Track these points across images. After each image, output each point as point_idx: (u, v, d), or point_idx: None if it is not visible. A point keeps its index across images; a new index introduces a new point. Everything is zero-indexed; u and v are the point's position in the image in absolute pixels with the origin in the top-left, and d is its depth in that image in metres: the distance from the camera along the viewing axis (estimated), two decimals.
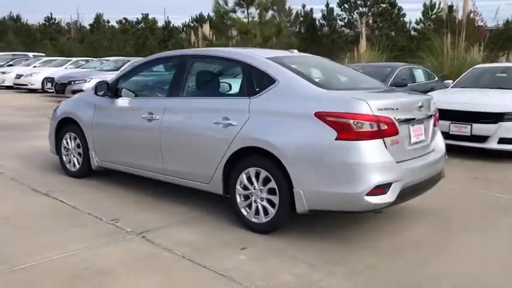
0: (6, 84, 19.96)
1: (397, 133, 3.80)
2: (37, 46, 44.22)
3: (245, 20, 16.61)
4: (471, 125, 7.35)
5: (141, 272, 3.36)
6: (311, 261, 3.54)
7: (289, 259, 3.58)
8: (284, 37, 17.10)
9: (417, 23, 34.01)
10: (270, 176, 3.90)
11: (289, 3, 43.12)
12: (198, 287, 3.20)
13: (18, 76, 19.15)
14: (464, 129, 7.46)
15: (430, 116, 4.35)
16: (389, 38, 33.19)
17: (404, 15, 36.70)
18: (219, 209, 4.54)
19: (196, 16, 46.17)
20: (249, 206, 4.07)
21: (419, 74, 10.94)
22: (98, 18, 60.60)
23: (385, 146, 3.70)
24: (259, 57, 4.31)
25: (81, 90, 14.26)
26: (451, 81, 9.62)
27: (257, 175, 3.99)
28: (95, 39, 47.59)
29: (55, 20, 55.43)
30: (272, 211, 3.93)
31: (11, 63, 22.40)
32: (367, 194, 3.56)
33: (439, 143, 4.53)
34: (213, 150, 4.23)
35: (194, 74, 4.71)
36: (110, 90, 5.22)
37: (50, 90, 16.78)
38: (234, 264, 3.48)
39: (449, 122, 7.50)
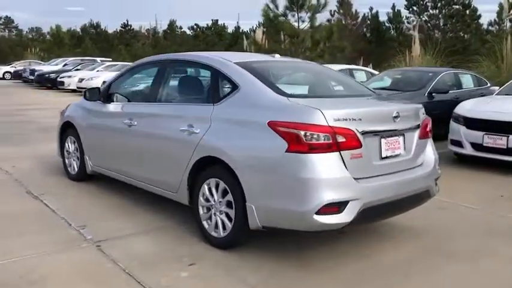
0: (71, 87, 21.08)
1: (358, 146, 3.41)
2: (113, 52, 46.57)
3: (295, 24, 16.33)
4: (508, 136, 6.62)
5: (74, 282, 3.26)
6: (256, 284, 3.26)
7: (235, 280, 3.31)
8: (335, 41, 16.59)
9: (491, 24, 31.89)
10: (227, 188, 3.67)
11: (355, 7, 42.58)
12: None
13: (81, 80, 20.14)
14: (499, 141, 6.73)
15: (415, 128, 3.90)
16: (461, 41, 31.45)
17: (479, 16, 34.64)
18: (190, 220, 4.36)
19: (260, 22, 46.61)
20: (210, 218, 3.86)
21: (467, 80, 10.13)
22: (172, 24, 62.77)
23: (343, 161, 3.33)
24: (226, 61, 4.09)
25: None
26: (498, 87, 8.79)
27: (217, 186, 3.78)
28: (166, 45, 49.29)
29: (131, 26, 58.21)
30: (229, 226, 3.69)
31: (78, 67, 23.67)
32: (317, 213, 3.22)
33: (429, 157, 4.05)
34: (178, 158, 4.07)
35: (167, 79, 4.57)
36: (102, 95, 5.22)
37: None
38: (171, 281, 3.29)
39: (483, 133, 6.84)
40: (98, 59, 26.94)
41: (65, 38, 37.59)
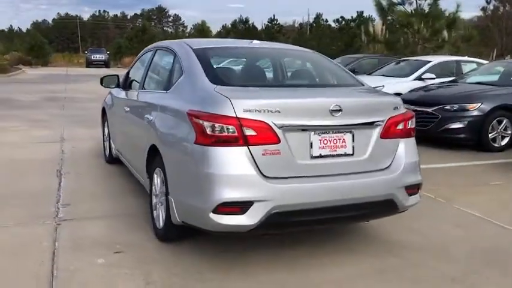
0: None
1: (274, 142, 3.00)
2: None
3: (411, 12, 14.94)
4: None
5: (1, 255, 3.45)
6: (155, 281, 3.09)
7: (138, 274, 3.16)
8: (458, 30, 14.78)
9: None
10: (163, 178, 3.55)
11: None
12: (16, 279, 3.12)
13: None
14: None
15: (372, 124, 3.31)
16: None
17: None
18: None
19: None
20: (156, 208, 3.79)
21: None
22: (318, 17, 62.72)
23: (252, 156, 2.96)
24: (186, 47, 3.91)
25: None
26: None
27: (160, 176, 3.68)
28: (307, 38, 49.51)
29: (277, 21, 59.72)
30: (164, 217, 3.57)
31: None
32: (214, 212, 2.93)
33: (401, 160, 3.40)
34: (141, 146, 4.06)
35: (149, 67, 4.57)
36: (123, 82, 5.42)
37: None
38: (81, 266, 3.27)
39: None
40: None
41: (208, 33, 39.98)
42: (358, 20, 54.20)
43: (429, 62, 10.24)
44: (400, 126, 3.42)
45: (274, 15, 61.24)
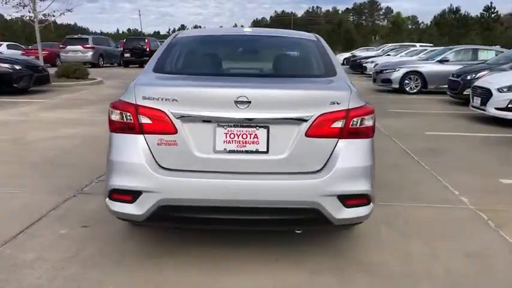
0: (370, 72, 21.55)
1: (171, 132, 2.85)
2: (465, 37, 44.14)
3: None
4: None
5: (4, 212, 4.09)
6: (85, 259, 3.29)
7: (78, 247, 3.41)
8: None
9: None
10: None
11: None
12: None
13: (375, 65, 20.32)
14: None
15: (295, 120, 2.85)
16: None
17: None
18: None
19: None
20: None
21: None
22: None
23: (148, 145, 2.89)
24: (171, 37, 3.95)
25: (389, 80, 14.26)
26: None
27: None
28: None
29: (494, 9, 53.12)
30: None
31: (389, 53, 23.79)
32: (109, 198, 2.96)
33: (338, 164, 2.88)
34: None
35: None
36: None
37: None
38: (43, 234, 3.64)
39: None
40: (417, 44, 26.24)
41: (403, 24, 37.97)
42: None
43: None
44: (338, 125, 2.88)
45: (491, 3, 54.38)
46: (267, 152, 2.88)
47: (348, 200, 2.88)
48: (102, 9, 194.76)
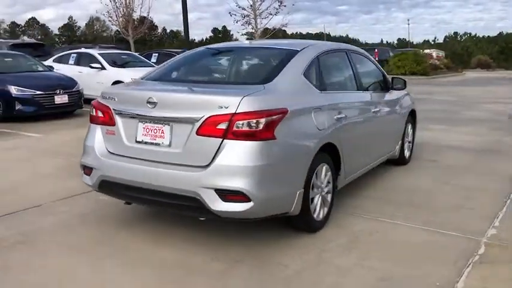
0: None
1: (111, 124, 3.65)
2: None
3: None
4: None
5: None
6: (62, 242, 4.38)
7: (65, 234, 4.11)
8: None
9: None
10: None
11: None
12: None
13: None
14: None
15: (190, 120, 3.29)
16: None
17: None
18: None
19: None
20: None
21: None
22: None
23: (101, 134, 3.76)
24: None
25: None
26: None
27: None
28: None
29: None
30: None
31: None
32: (83, 172, 3.93)
33: (216, 161, 3.20)
34: None
35: None
36: None
37: None
38: (54, 210, 4.90)
39: None
40: None
41: None
42: None
43: None
44: (222, 126, 3.19)
45: None
46: (169, 145, 3.42)
47: (224, 194, 3.18)
48: (376, 20, 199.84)
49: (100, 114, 3.79)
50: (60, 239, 3.79)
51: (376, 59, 26.28)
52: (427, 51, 32.42)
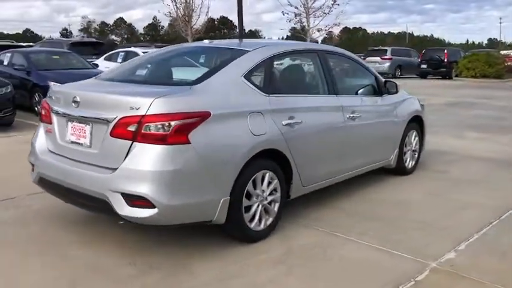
0: None
1: (49, 122, 3.69)
2: None
3: None
4: None
5: None
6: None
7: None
8: None
9: None
10: None
11: None
12: None
13: None
14: None
15: (105, 121, 3.21)
16: None
17: None
18: None
19: None
20: None
21: None
22: None
23: (43, 132, 3.82)
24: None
25: None
26: None
27: None
28: None
29: None
30: None
31: None
32: (32, 168, 4.01)
33: (124, 165, 3.11)
34: None
35: None
36: None
37: None
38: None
39: None
40: None
41: None
42: None
43: None
44: (132, 128, 3.09)
45: None
46: (90, 146, 3.38)
47: (130, 199, 3.08)
48: (466, 19, 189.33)
49: (43, 112, 3.85)
50: (1, 232, 3.89)
51: (445, 60, 24.94)
52: (504, 52, 30.09)
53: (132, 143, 3.12)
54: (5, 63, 11.58)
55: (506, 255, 3.53)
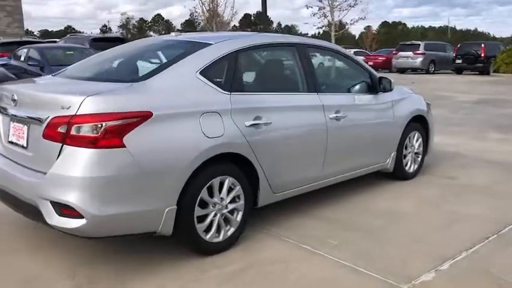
0: None
1: None
2: None
3: None
4: None
5: None
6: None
7: None
8: None
9: None
10: None
11: None
12: None
13: None
14: None
15: (38, 121, 2.94)
16: None
17: None
18: None
19: None
20: None
21: None
22: None
23: None
24: None
25: None
26: None
27: None
28: None
29: None
30: None
31: None
32: None
33: (53, 170, 2.82)
34: None
35: None
36: None
37: None
38: None
39: None
40: None
41: None
42: None
43: None
44: (62, 130, 2.81)
45: None
46: (26, 147, 3.12)
47: (59, 207, 2.81)
48: None
49: None
50: None
51: (482, 55, 23.75)
52: None
53: (62, 146, 2.84)
54: (22, 58, 11.67)
55: (495, 278, 3.07)
